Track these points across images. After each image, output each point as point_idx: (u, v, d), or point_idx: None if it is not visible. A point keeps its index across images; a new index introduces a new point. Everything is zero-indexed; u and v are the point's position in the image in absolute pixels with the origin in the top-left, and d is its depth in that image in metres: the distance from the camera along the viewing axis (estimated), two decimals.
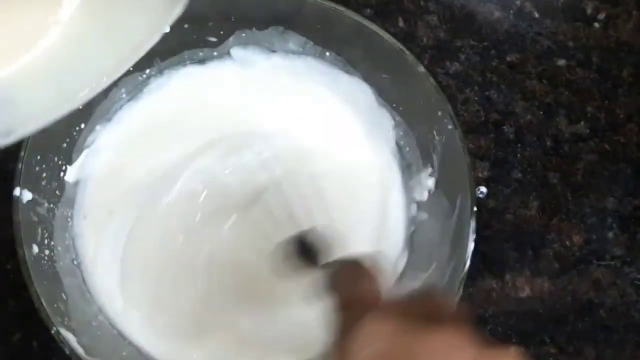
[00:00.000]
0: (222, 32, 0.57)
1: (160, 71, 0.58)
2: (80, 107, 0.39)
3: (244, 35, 0.57)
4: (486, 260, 0.58)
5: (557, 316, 0.58)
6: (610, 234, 0.61)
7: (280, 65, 0.58)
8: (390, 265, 0.54)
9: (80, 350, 0.47)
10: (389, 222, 0.56)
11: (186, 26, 0.54)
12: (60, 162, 0.53)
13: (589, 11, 0.66)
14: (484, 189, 0.60)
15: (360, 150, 0.58)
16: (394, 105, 0.57)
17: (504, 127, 0.63)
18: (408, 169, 0.57)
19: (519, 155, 0.62)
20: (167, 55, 0.57)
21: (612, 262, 0.60)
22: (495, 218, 0.60)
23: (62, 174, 0.54)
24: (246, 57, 0.58)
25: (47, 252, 0.50)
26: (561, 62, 0.64)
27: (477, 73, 0.63)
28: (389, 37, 0.53)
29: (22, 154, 0.48)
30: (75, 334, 0.47)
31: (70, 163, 0.54)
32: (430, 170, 0.55)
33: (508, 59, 0.64)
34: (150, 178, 0.56)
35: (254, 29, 0.57)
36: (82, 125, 0.55)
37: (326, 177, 0.57)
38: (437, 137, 0.54)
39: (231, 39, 0.58)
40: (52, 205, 0.52)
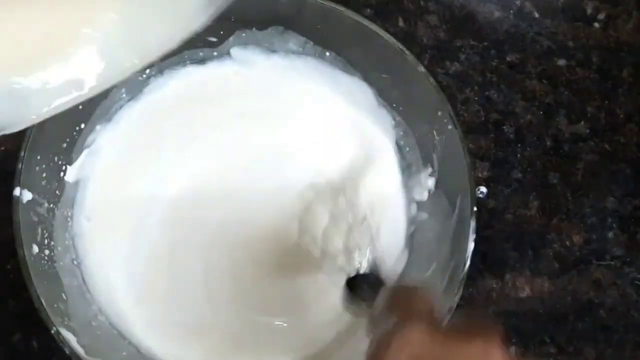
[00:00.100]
0: (222, 32, 0.57)
1: (160, 71, 0.58)
2: (80, 107, 0.38)
3: (244, 35, 0.57)
4: (486, 260, 0.58)
5: (557, 316, 0.58)
6: (610, 234, 0.61)
7: (280, 65, 0.58)
8: (390, 265, 0.54)
9: (80, 350, 0.46)
10: (389, 222, 0.56)
11: None
12: (60, 162, 0.53)
13: (589, 11, 0.66)
14: (484, 189, 0.60)
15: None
16: (394, 105, 0.57)
17: (504, 127, 0.62)
18: (408, 169, 0.57)
19: (519, 155, 0.62)
20: (167, 55, 0.57)
21: (612, 262, 0.60)
22: (495, 218, 0.60)
23: (62, 173, 0.54)
24: (246, 57, 0.58)
25: (47, 252, 0.50)
26: (561, 62, 0.64)
27: (477, 73, 0.63)
28: (389, 37, 0.53)
29: (22, 154, 0.48)
30: (75, 334, 0.47)
31: (70, 163, 0.54)
32: (430, 170, 0.55)
33: (508, 59, 0.64)
34: (150, 177, 0.56)
35: (254, 29, 0.57)
36: (82, 125, 0.55)
37: (324, 175, 0.57)
38: (437, 137, 0.54)
39: (231, 39, 0.58)
40: (52, 205, 0.52)
